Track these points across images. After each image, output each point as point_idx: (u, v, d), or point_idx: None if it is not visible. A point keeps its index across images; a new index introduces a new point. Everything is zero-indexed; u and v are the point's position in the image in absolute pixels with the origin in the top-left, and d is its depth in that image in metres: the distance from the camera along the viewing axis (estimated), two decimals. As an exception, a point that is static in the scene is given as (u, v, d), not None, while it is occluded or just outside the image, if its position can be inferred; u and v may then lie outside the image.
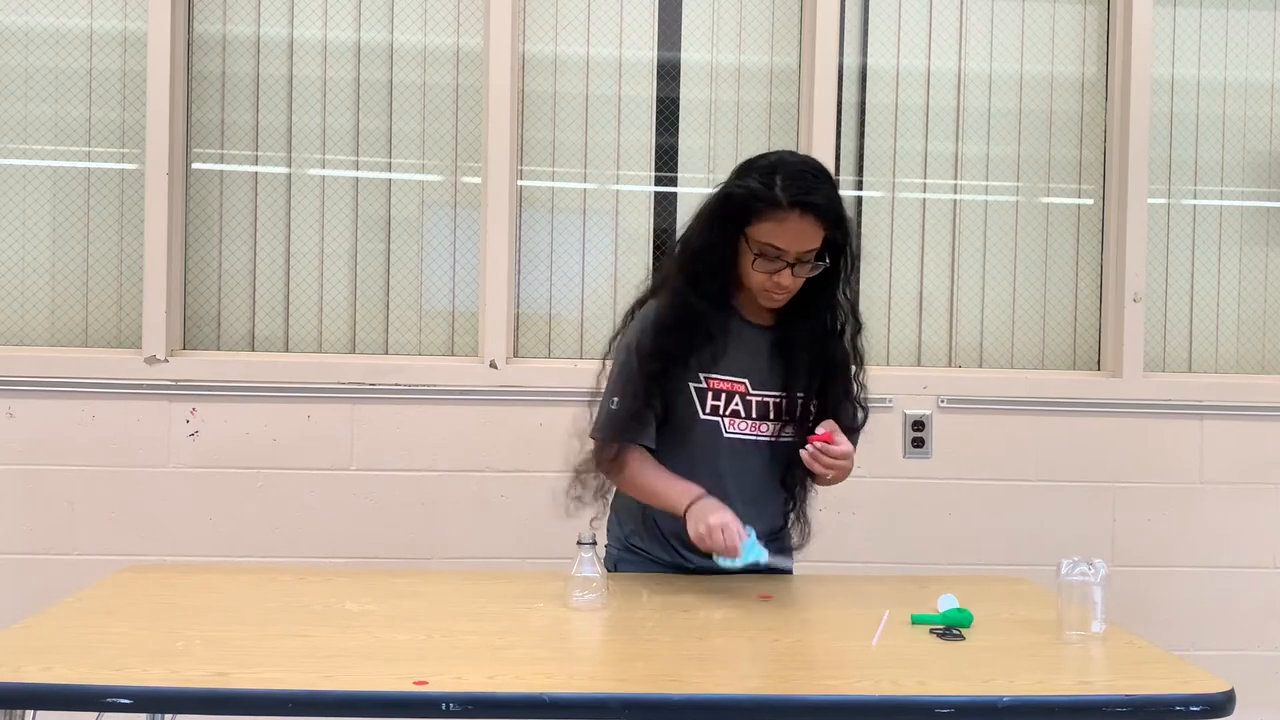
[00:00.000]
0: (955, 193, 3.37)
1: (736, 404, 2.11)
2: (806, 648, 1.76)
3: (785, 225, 1.99)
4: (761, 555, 1.96)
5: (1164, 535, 3.27)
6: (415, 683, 1.52)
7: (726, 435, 2.11)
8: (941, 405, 3.22)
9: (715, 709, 1.53)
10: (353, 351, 3.23)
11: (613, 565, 2.24)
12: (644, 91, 3.30)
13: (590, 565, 1.93)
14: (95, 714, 1.54)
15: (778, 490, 2.17)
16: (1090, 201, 3.40)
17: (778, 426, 2.11)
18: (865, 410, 2.19)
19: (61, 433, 3.06)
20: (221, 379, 3.08)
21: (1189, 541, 3.27)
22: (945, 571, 3.13)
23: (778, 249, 2.00)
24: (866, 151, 3.35)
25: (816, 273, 2.05)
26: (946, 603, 1.92)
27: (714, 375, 2.10)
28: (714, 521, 1.93)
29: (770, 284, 2.03)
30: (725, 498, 2.03)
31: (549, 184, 3.28)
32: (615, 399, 2.11)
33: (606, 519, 2.26)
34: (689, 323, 2.07)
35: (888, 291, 3.35)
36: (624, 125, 3.28)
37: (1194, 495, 3.28)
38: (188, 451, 3.08)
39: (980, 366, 3.36)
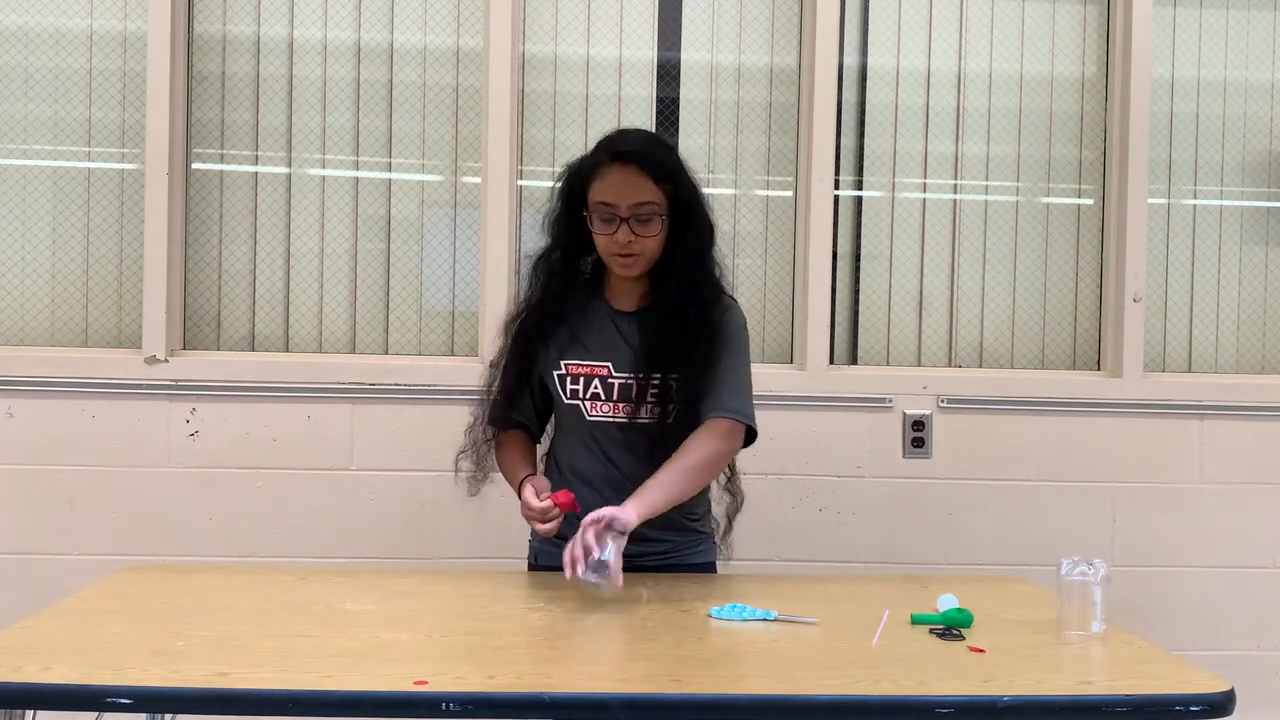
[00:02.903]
0: (955, 193, 3.37)
1: (596, 387, 2.14)
2: (806, 648, 1.76)
3: (608, 179, 2.07)
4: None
5: (1164, 535, 3.27)
6: (415, 683, 1.52)
7: (589, 418, 2.14)
8: (941, 405, 3.22)
9: (715, 709, 1.53)
10: (353, 351, 3.23)
11: (535, 557, 2.27)
12: (644, 91, 3.30)
13: (611, 552, 1.91)
14: (95, 714, 1.54)
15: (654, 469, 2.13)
16: (1090, 201, 3.40)
17: (633, 408, 2.11)
18: (724, 383, 2.12)
19: (61, 433, 3.06)
20: (221, 379, 3.08)
21: (1189, 541, 3.27)
22: (945, 571, 3.13)
23: (608, 205, 2.07)
24: (866, 151, 3.35)
25: (657, 231, 2.07)
26: (946, 603, 1.92)
27: (572, 360, 2.16)
28: (524, 514, 2.05)
29: (614, 245, 2.08)
30: (603, 479, 2.12)
31: (549, 184, 3.27)
32: (494, 388, 2.22)
33: None
34: (546, 306, 2.16)
35: (888, 291, 3.35)
36: (624, 125, 3.27)
37: (1194, 495, 3.27)
38: (188, 451, 3.08)
39: (980, 366, 3.36)
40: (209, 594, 1.99)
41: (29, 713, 1.60)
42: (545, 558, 2.22)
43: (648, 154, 2.07)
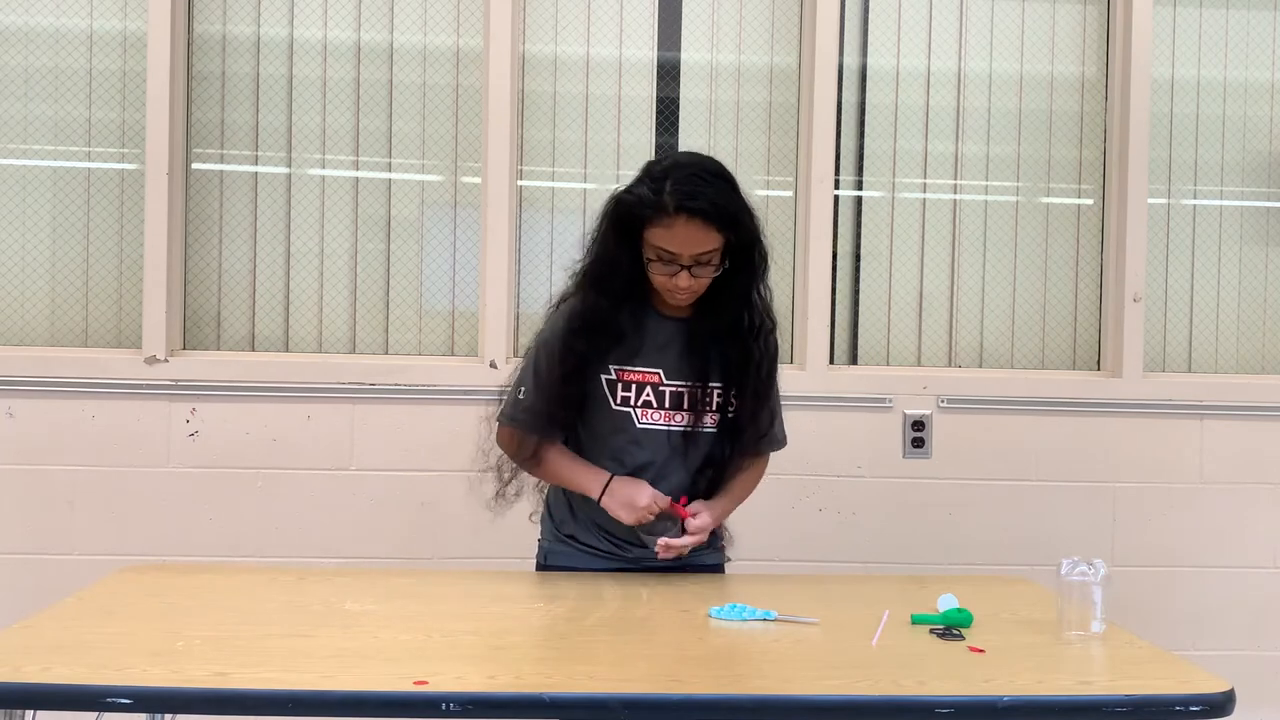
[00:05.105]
0: (955, 193, 3.37)
1: (648, 394, 2.13)
2: (806, 648, 1.76)
3: (673, 230, 2.01)
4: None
5: (1164, 535, 3.27)
6: (415, 683, 1.51)
7: (639, 425, 2.13)
8: (941, 405, 3.22)
9: (715, 709, 1.53)
10: (353, 351, 3.23)
11: (544, 556, 2.26)
12: (644, 91, 3.30)
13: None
14: (95, 714, 1.54)
15: (699, 481, 2.17)
16: (1090, 201, 3.40)
17: (692, 416, 2.12)
18: (775, 414, 2.23)
19: (61, 433, 3.06)
20: (221, 379, 3.08)
21: (1189, 541, 3.27)
22: (945, 571, 3.13)
23: (670, 253, 2.02)
24: (866, 151, 3.35)
25: (717, 274, 2.06)
26: (946, 603, 1.92)
27: (625, 368, 2.13)
28: (642, 504, 2.06)
29: (670, 285, 2.06)
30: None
31: (549, 184, 3.28)
32: (523, 389, 2.17)
33: (541, 513, 2.29)
34: (598, 324, 2.10)
35: (888, 291, 3.35)
36: (624, 125, 3.28)
37: (1194, 495, 3.28)
38: (188, 451, 3.08)
39: (980, 366, 3.36)
40: (209, 594, 1.99)
41: (29, 713, 1.60)
42: (555, 557, 2.22)
43: (715, 207, 2.01)
